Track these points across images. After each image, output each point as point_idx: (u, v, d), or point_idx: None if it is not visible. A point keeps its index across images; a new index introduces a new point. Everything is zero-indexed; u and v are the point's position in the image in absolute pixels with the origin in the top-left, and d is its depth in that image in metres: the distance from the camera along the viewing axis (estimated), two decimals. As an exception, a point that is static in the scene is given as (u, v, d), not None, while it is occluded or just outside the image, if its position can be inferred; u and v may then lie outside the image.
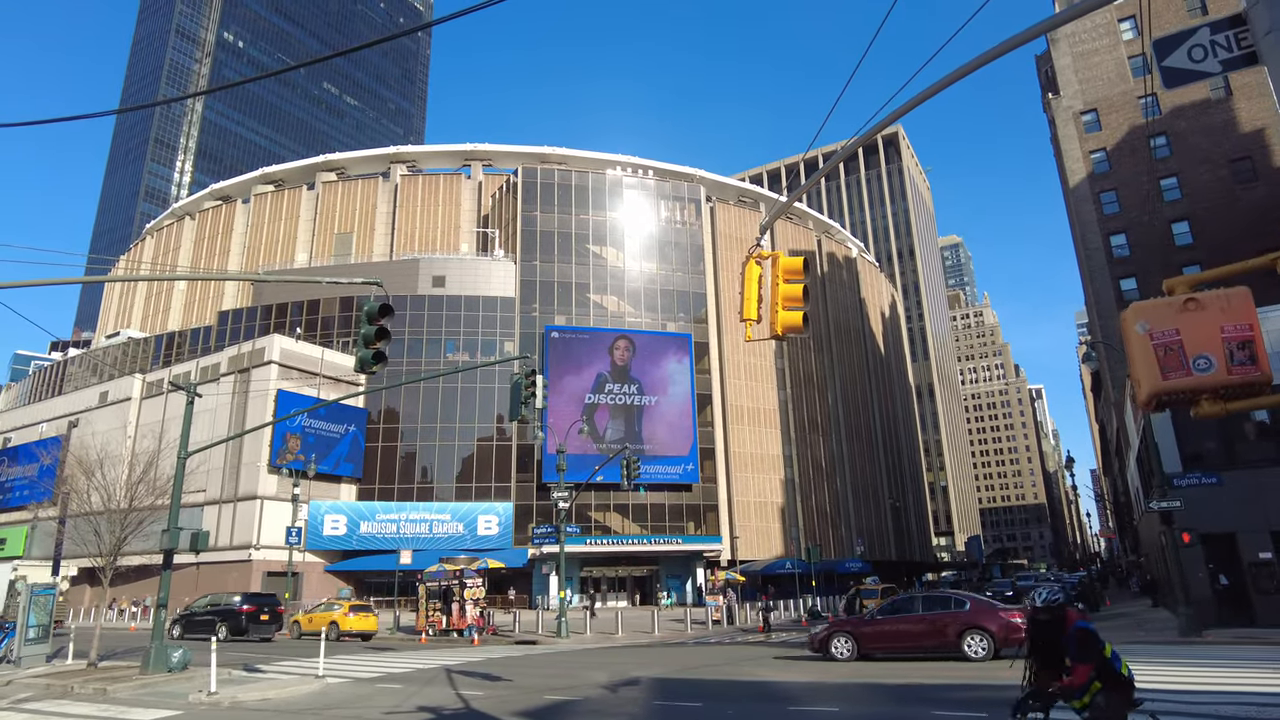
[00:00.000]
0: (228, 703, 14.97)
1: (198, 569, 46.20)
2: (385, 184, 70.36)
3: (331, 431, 52.92)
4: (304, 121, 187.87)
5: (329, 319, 60.88)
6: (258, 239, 71.78)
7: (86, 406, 61.25)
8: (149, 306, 76.36)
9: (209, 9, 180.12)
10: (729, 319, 66.68)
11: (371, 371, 14.19)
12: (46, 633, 21.65)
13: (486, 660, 22.49)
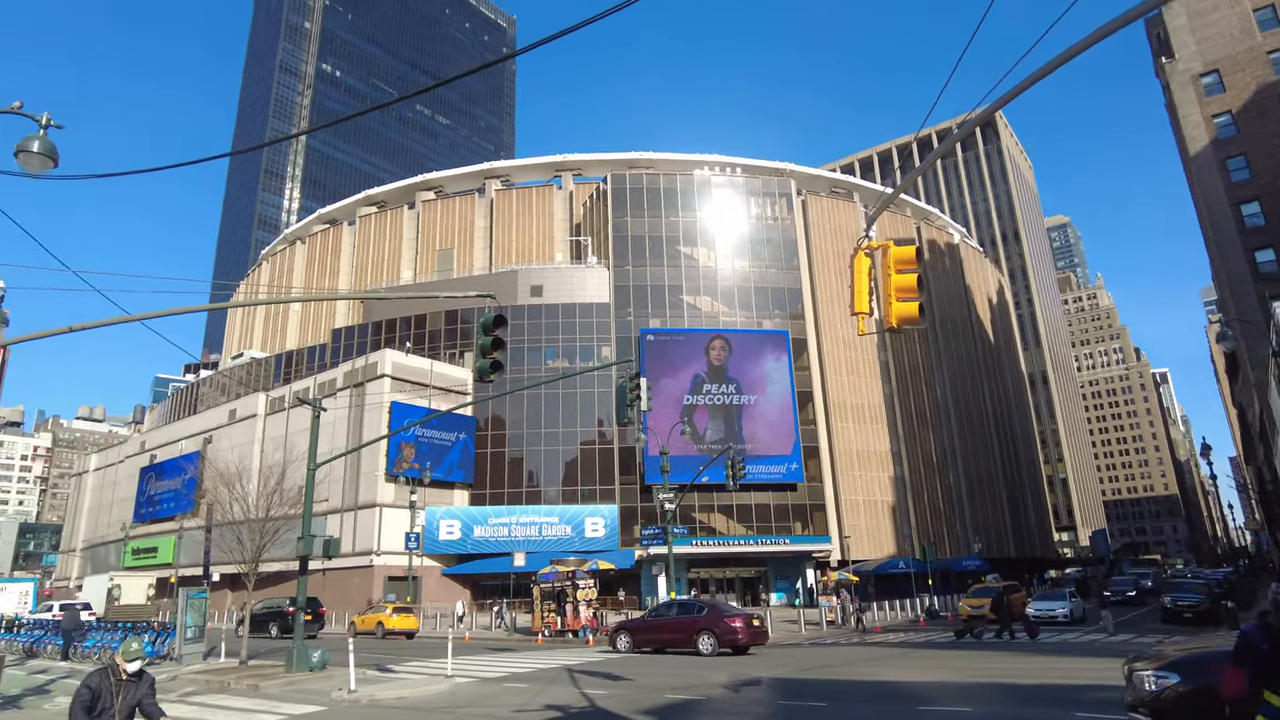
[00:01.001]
0: (366, 700, 15.73)
1: (324, 575, 48.68)
2: (481, 199, 72.49)
3: (443, 440, 54.87)
4: (400, 144, 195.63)
5: (435, 332, 63.22)
6: (364, 258, 75.21)
7: (218, 424, 65.61)
8: (268, 328, 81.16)
9: (307, 43, 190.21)
10: (827, 314, 65.47)
11: (490, 379, 14.65)
12: (201, 633, 23.25)
13: (605, 660, 22.80)
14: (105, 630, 26.67)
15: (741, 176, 68.73)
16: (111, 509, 78.15)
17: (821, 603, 36.95)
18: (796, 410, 59.68)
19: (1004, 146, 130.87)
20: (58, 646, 26.92)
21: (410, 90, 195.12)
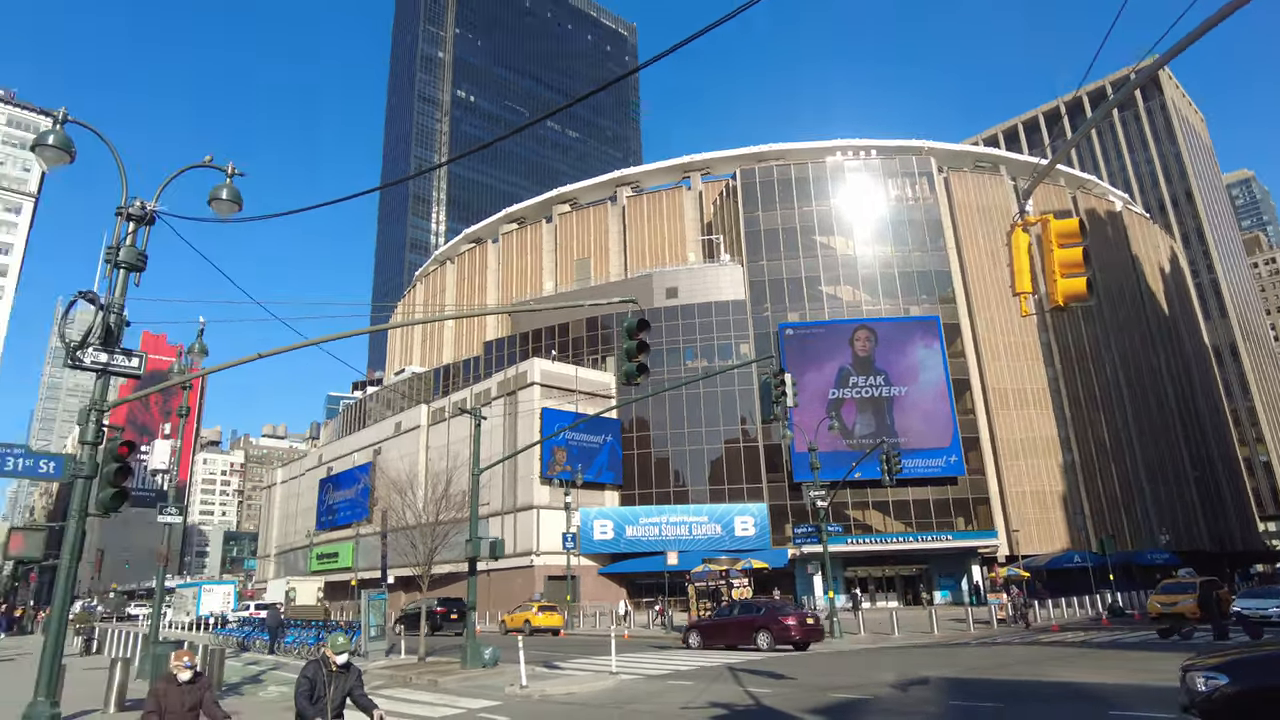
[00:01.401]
0: (538, 695, 16.45)
1: (489, 575, 51.15)
2: (613, 207, 73.97)
3: (591, 442, 56.41)
4: (534, 161, 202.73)
5: (578, 339, 65.12)
6: (509, 273, 78.54)
7: (386, 436, 70.41)
8: (425, 344, 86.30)
9: (442, 72, 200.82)
10: (980, 295, 62.06)
11: (636, 383, 14.96)
12: (382, 631, 25.05)
13: (766, 659, 22.70)
14: (300, 628, 29.38)
15: (877, 159, 66.42)
16: (297, 518, 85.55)
17: (991, 600, 35.10)
18: (953, 399, 56.96)
19: (1168, 100, 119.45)
20: (264, 641, 29.86)
21: (540, 107, 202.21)
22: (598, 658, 23.40)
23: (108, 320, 10.06)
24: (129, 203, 10.74)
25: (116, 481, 10.33)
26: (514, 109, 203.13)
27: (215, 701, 7.11)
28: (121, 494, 10.35)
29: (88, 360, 9.70)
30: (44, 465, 9.83)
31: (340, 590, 68.13)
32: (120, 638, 30.79)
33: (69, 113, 10.51)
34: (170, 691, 6.82)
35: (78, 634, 31.79)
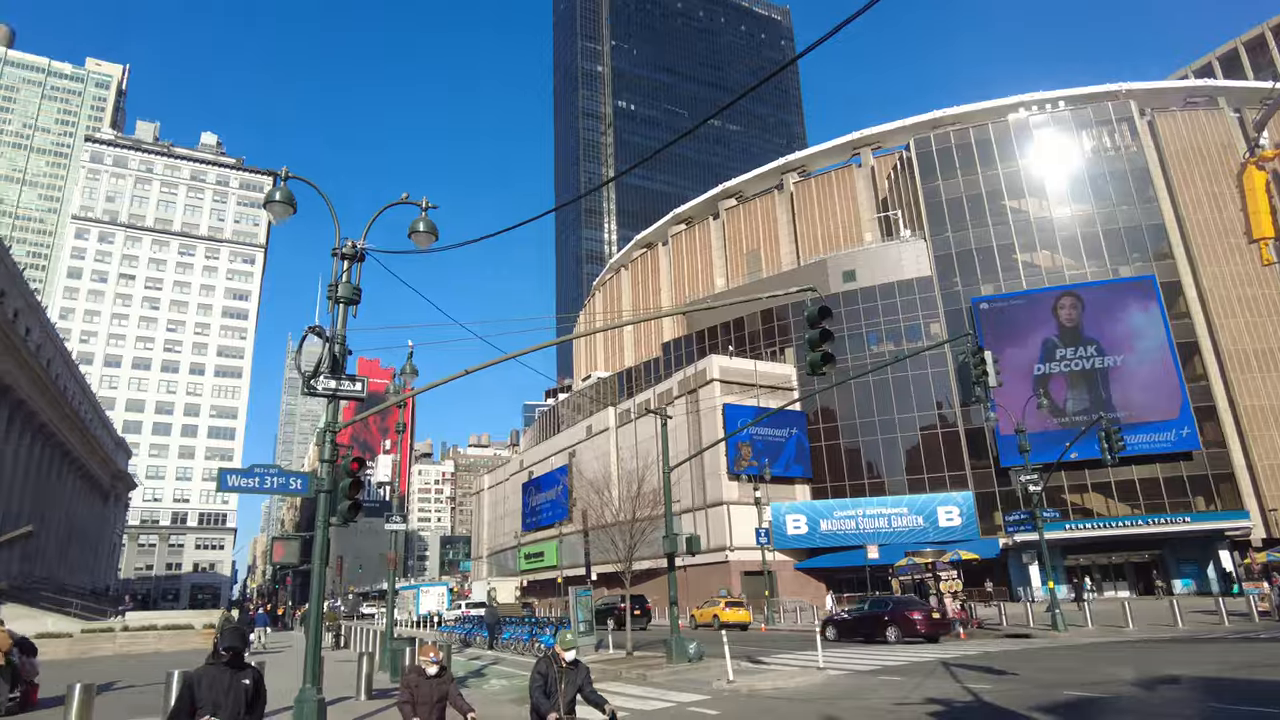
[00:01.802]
0: (746, 690, 16.47)
1: (685, 571, 51.94)
2: (780, 195, 72.76)
3: (777, 436, 55.78)
4: (696, 159, 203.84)
5: (754, 334, 64.65)
6: (680, 274, 79.46)
7: (578, 439, 73.43)
8: (607, 350, 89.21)
9: (603, 86, 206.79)
10: (1205, 247, 54.95)
11: (822, 372, 14.61)
12: (591, 627, 26.09)
13: (982, 654, 21.41)
14: (514, 624, 31.26)
15: (1066, 110, 60.67)
16: (504, 520, 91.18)
17: (1249, 590, 30.95)
18: (1179, 366, 50.91)
19: None
20: (484, 638, 32.05)
21: (700, 105, 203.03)
22: (802, 653, 23.08)
23: (333, 350, 11.26)
24: (341, 244, 11.95)
25: (351, 494, 11.53)
26: (674, 111, 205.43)
27: (459, 694, 7.58)
28: (356, 505, 11.54)
29: (320, 387, 10.90)
30: (293, 482, 11.17)
31: (548, 588, 71.83)
32: (361, 634, 34.28)
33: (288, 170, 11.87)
34: (420, 684, 7.38)
35: (328, 630, 35.70)
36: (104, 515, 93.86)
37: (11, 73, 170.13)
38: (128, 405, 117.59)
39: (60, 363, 69.79)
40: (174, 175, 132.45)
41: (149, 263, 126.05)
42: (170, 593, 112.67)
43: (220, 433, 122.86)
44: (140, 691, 17.63)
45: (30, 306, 60.52)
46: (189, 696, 5.79)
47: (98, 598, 68.42)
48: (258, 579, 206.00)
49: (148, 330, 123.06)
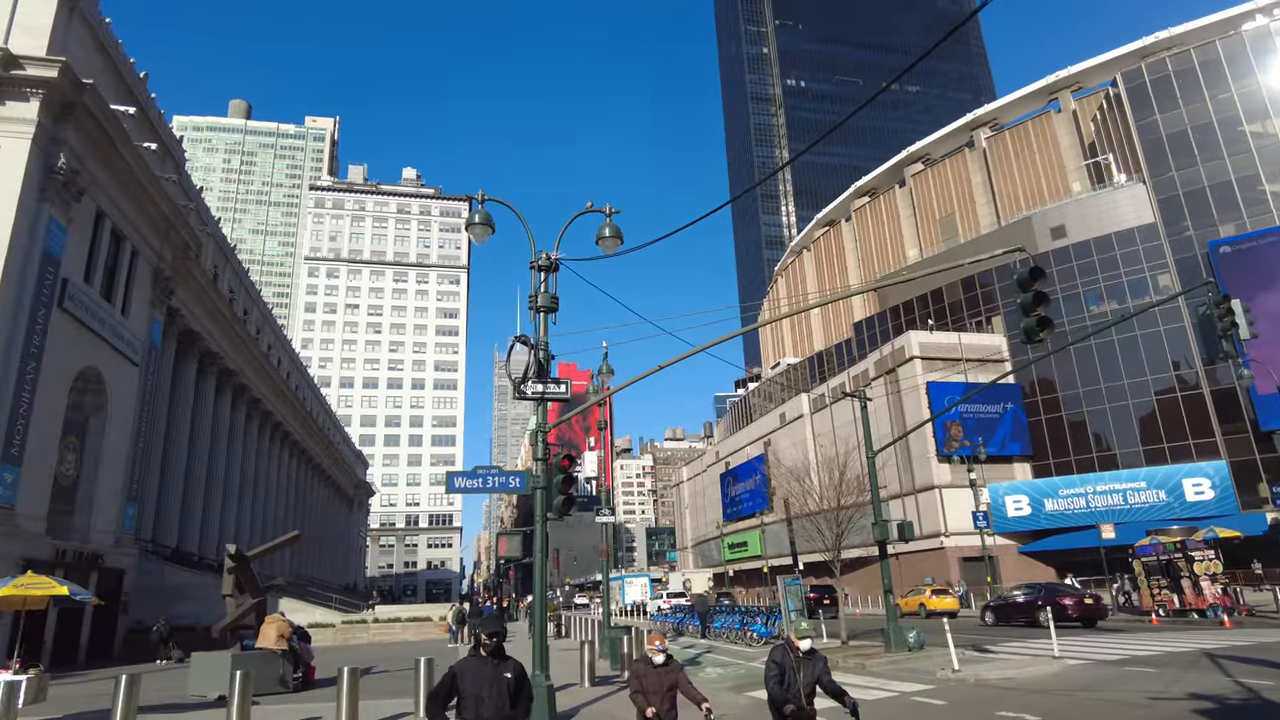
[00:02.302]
0: (973, 679, 15.60)
1: (897, 559, 49.89)
2: (972, 153, 68.01)
3: (989, 413, 52.25)
4: (874, 128, 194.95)
5: (954, 304, 60.86)
6: (867, 249, 76.49)
7: (773, 428, 72.80)
8: (795, 335, 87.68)
9: (769, 68, 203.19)
10: None
11: (1039, 339, 13.57)
12: (802, 615, 25.78)
13: (1257, 644, 18.88)
14: (725, 613, 31.55)
15: (1320, 10, 51.84)
16: (705, 511, 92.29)
17: None
18: None
19: None
20: (696, 627, 32.64)
21: (872, 72, 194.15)
22: (1033, 641, 21.52)
23: (538, 356, 11.96)
24: (536, 256, 12.66)
25: (564, 490, 12.22)
26: (845, 81, 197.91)
27: (690, 683, 7.48)
28: (570, 499, 12.22)
29: (529, 391, 11.64)
30: (512, 480, 12.03)
31: (753, 577, 71.86)
32: (580, 623, 36.08)
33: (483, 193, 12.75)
34: (648, 673, 7.40)
35: (549, 620, 37.90)
36: (349, 520, 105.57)
37: (251, 140, 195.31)
38: (361, 421, 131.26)
39: (305, 387, 79.20)
40: (383, 210, 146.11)
41: (369, 291, 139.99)
42: (409, 588, 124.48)
43: (442, 440, 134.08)
44: (394, 676, 19.65)
45: (279, 340, 69.19)
46: (450, 684, 5.71)
47: (350, 593, 77.03)
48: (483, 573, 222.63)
49: (373, 353, 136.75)
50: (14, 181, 26.33)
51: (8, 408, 25.53)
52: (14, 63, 26.68)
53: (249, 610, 18.86)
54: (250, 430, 59.07)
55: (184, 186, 41.69)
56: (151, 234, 36.81)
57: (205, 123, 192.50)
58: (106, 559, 31.99)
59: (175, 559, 40.67)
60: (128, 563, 34.27)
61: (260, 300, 62.70)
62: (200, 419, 47.81)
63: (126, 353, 34.30)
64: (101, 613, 30.46)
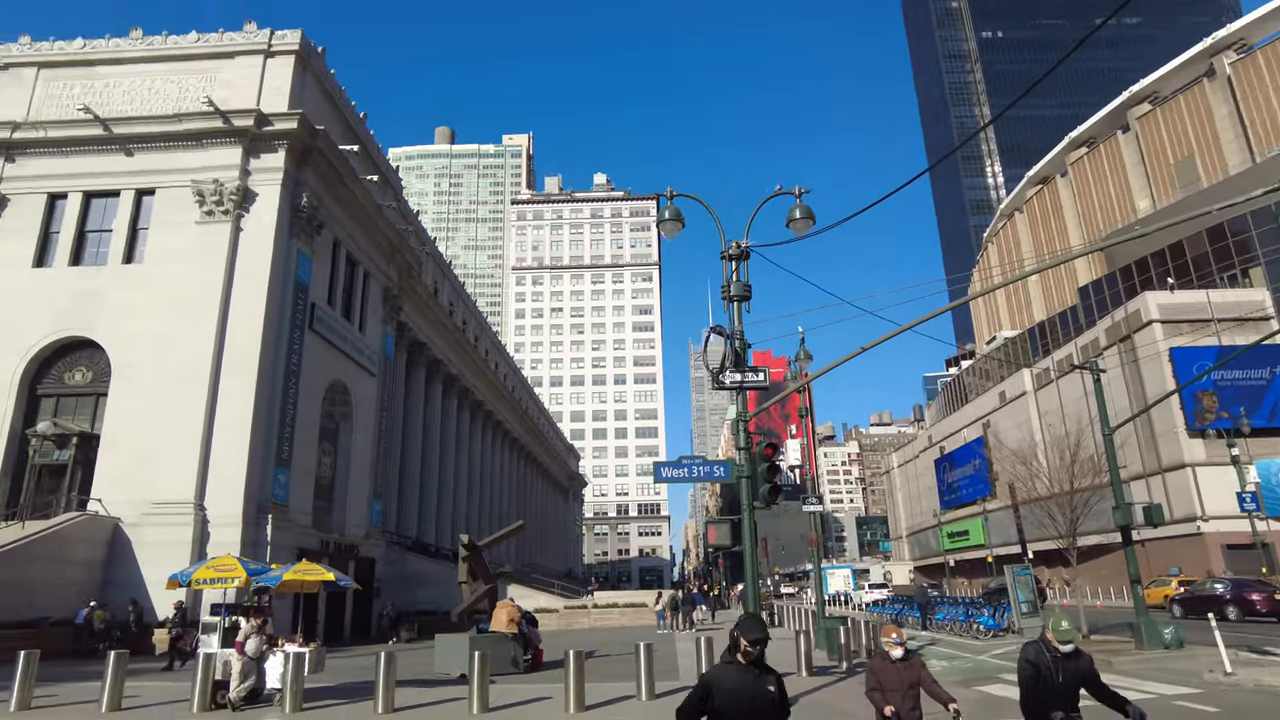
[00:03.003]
0: (1251, 684, 13.68)
1: (1143, 545, 44.81)
2: (1212, 84, 59.40)
3: (1252, 379, 45.39)
4: (1085, 70, 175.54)
5: (1199, 258, 53.41)
6: (1088, 205, 69.12)
7: (991, 408, 67.89)
8: (1011, 306, 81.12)
9: (961, 22, 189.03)
10: None
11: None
12: (1035, 607, 23.87)
13: None
14: (948, 605, 29.91)
15: None
16: (920, 498, 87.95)
17: None
18: None
19: None
20: (916, 618, 31.22)
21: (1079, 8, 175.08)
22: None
23: (734, 346, 11.95)
24: (727, 246, 12.64)
25: (770, 478, 12.12)
26: (1046, 24, 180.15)
27: (934, 680, 6.88)
28: (776, 488, 12.10)
29: (727, 381, 11.66)
30: (717, 470, 12.13)
31: (976, 568, 67.54)
32: (792, 613, 35.72)
33: (671, 190, 12.92)
34: (886, 669, 6.80)
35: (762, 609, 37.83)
36: (565, 510, 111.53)
37: (456, 163, 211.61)
38: (571, 416, 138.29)
39: (520, 387, 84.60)
40: (578, 216, 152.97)
41: (570, 294, 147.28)
42: (624, 575, 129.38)
43: (645, 432, 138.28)
44: (615, 659, 20.45)
45: (495, 345, 74.45)
46: (702, 697, 4.78)
47: (570, 579, 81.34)
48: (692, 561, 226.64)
49: (578, 352, 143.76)
50: (270, 222, 30.31)
51: (277, 419, 29.47)
52: (265, 121, 30.71)
53: (482, 596, 20.44)
54: (474, 429, 64.07)
55: (403, 212, 45.91)
56: (379, 257, 40.91)
57: (415, 151, 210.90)
58: (360, 549, 36.07)
59: (415, 549, 44.99)
60: (377, 552, 38.42)
61: (476, 310, 67.82)
62: (430, 421, 52.54)
63: (366, 365, 38.44)
64: (359, 597, 34.37)
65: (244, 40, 32.74)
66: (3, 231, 30.85)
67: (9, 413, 28.72)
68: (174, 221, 30.41)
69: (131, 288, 29.72)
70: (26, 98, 32.48)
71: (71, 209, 31.25)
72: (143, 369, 28.57)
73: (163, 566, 24.28)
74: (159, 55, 32.93)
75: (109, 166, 31.35)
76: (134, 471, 27.22)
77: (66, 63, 33.15)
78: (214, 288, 29.19)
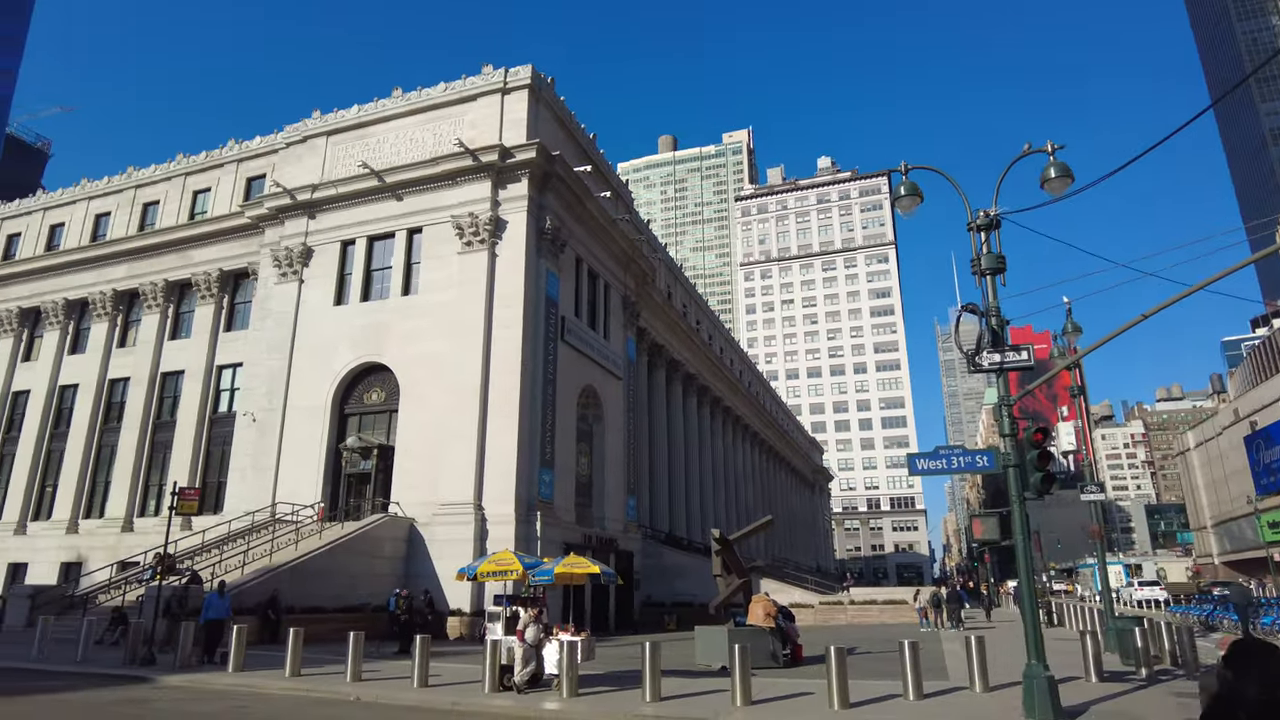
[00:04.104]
0: None
1: None
2: None
3: None
4: None
5: None
6: None
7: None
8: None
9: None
10: None
11: None
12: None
13: None
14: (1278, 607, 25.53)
15: None
16: (1226, 483, 75.92)
17: None
18: None
19: None
20: (1234, 621, 27.00)
21: None
22: None
23: (989, 324, 11.05)
24: (973, 216, 11.72)
25: (1041, 465, 11.03)
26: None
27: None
28: (1049, 477, 10.99)
29: (985, 363, 10.79)
30: (979, 459, 11.27)
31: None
32: (1074, 612, 32.29)
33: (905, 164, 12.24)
34: None
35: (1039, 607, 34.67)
36: (812, 504, 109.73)
37: (679, 168, 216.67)
38: (810, 409, 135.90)
39: (756, 382, 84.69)
40: (803, 205, 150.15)
41: (800, 285, 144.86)
42: (879, 571, 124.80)
43: (891, 422, 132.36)
44: (877, 657, 19.76)
45: (729, 343, 75.20)
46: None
47: (821, 575, 79.85)
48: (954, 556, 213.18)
49: (812, 343, 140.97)
50: (520, 247, 32.97)
51: (539, 423, 31.97)
52: (508, 153, 33.47)
53: (737, 589, 20.70)
54: (714, 426, 65.12)
55: (634, 223, 47.84)
56: (616, 268, 42.94)
57: (641, 163, 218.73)
58: (619, 543, 38.02)
59: (669, 542, 46.57)
60: (635, 546, 40.27)
61: (708, 309, 68.94)
62: (673, 419, 54.20)
63: (612, 370, 40.52)
64: (620, 589, 36.23)
65: (483, 82, 35.89)
66: (311, 278, 36.38)
67: (326, 431, 33.78)
68: (439, 254, 34.10)
69: (410, 316, 33.77)
70: (320, 163, 38.05)
71: (359, 253, 36.11)
72: (424, 386, 32.34)
73: (451, 561, 27.36)
74: (415, 108, 37.07)
75: (384, 212, 35.84)
76: (423, 477, 30.93)
77: (346, 128, 38.36)
78: (477, 310, 32.31)
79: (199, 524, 33.34)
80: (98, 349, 42.86)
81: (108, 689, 15.53)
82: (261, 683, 15.80)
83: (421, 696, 14.33)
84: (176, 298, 42.16)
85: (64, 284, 44.73)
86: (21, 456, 42.50)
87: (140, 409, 40.19)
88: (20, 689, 15.08)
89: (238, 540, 29.20)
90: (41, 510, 41.49)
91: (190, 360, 39.91)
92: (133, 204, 44.94)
